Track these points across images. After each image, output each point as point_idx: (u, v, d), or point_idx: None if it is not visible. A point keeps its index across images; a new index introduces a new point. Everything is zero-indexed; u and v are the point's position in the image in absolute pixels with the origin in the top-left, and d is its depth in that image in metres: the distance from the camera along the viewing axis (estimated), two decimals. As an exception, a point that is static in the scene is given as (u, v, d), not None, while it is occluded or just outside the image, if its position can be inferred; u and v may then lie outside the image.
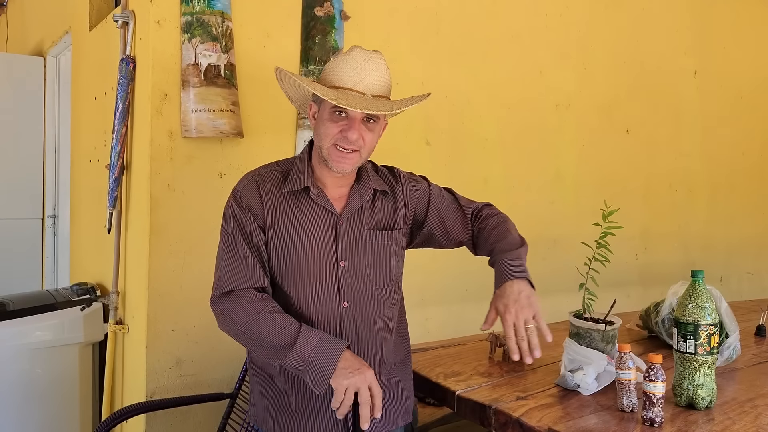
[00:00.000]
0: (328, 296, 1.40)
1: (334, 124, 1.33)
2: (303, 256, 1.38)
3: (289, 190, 1.39)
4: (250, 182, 1.41)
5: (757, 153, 4.28)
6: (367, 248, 1.44)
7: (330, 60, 1.39)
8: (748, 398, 1.65)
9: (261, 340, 1.29)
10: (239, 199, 1.39)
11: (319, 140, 1.38)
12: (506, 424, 1.51)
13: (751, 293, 4.01)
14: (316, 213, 1.40)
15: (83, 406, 2.42)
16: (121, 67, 2.17)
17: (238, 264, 1.34)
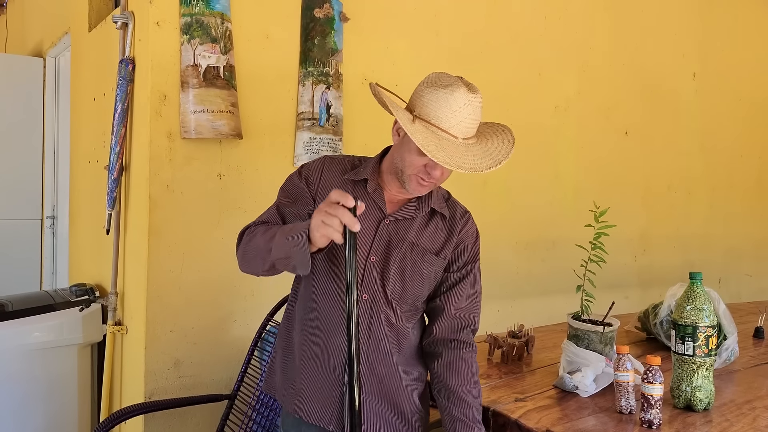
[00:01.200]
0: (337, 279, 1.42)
1: (420, 158, 1.31)
2: None
3: (350, 179, 1.43)
4: (319, 159, 1.48)
5: (755, 155, 4.29)
6: (401, 257, 1.41)
7: (429, 86, 1.31)
8: (746, 400, 1.65)
9: (258, 247, 1.33)
10: (301, 169, 1.48)
11: (401, 163, 1.36)
12: (505, 425, 1.51)
13: (750, 295, 4.02)
14: (367, 204, 1.39)
15: (82, 407, 2.42)
16: (121, 68, 2.18)
17: (270, 212, 1.44)
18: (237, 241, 1.43)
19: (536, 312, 2.66)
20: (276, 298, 2.17)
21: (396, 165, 1.37)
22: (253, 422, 1.97)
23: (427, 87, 1.31)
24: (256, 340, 2.12)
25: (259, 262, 1.35)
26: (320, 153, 2.34)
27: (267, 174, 2.31)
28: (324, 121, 2.34)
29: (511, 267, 3.05)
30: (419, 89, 1.33)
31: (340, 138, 2.40)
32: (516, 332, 2.06)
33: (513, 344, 1.96)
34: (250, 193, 2.27)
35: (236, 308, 2.25)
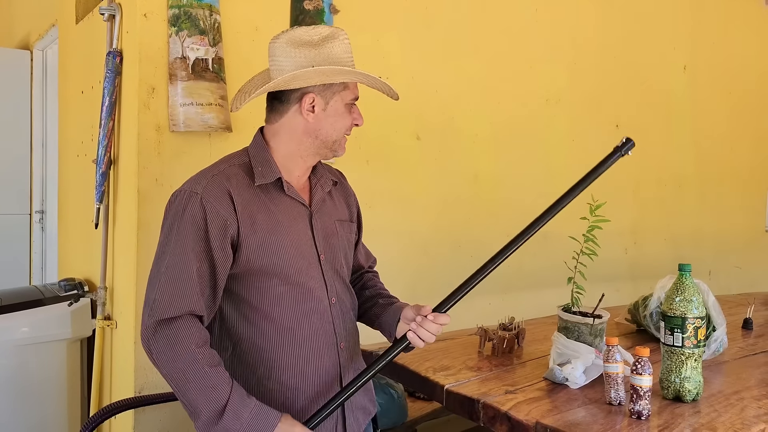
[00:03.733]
0: (319, 292, 1.34)
1: (350, 115, 1.33)
2: (289, 252, 1.29)
3: (261, 184, 1.29)
4: (212, 182, 1.24)
5: (746, 148, 4.31)
6: (337, 240, 1.40)
7: (312, 45, 1.27)
8: (734, 391, 1.66)
9: (185, 394, 1.16)
10: (203, 203, 1.21)
11: (332, 133, 1.32)
12: (495, 417, 1.52)
13: (740, 287, 4.04)
14: (288, 206, 1.32)
15: (71, 403, 2.41)
16: (108, 60, 2.15)
17: (185, 285, 1.17)
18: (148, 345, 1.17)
19: (527, 305, 2.66)
20: (266, 291, 2.16)
21: (323, 140, 1.32)
22: (243, 416, 1.96)
23: (310, 46, 1.27)
24: (247, 334, 2.11)
25: (177, 393, 1.18)
26: (310, 146, 2.32)
27: (257, 167, 2.29)
28: (314, 114, 2.33)
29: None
30: (302, 53, 1.26)
31: (331, 131, 2.39)
32: (507, 325, 2.06)
33: (503, 337, 1.96)
34: (240, 187, 2.26)
35: (226, 302, 2.24)
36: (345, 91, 1.32)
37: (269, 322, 1.29)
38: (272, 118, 1.35)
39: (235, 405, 1.16)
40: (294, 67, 1.25)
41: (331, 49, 1.27)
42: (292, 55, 1.26)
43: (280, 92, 1.30)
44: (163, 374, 1.18)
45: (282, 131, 1.33)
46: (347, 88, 1.32)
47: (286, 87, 1.28)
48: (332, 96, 1.30)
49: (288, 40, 1.27)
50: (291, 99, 1.30)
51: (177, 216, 1.23)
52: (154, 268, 1.23)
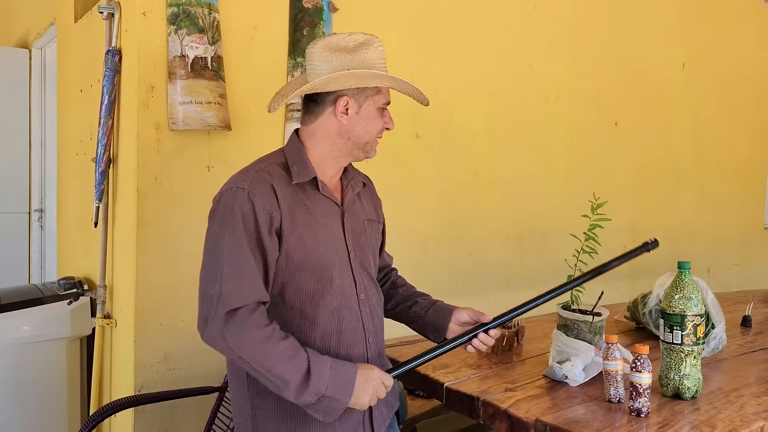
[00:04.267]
0: (349, 289, 1.38)
1: (382, 118, 1.40)
2: (324, 249, 1.34)
3: (299, 182, 1.34)
4: (256, 177, 1.30)
5: (744, 145, 4.32)
6: (366, 239, 1.45)
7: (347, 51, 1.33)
8: (734, 388, 1.66)
9: (270, 370, 1.22)
10: (250, 198, 1.26)
11: (364, 135, 1.38)
12: (494, 415, 1.52)
13: (739, 284, 4.05)
14: (323, 204, 1.37)
15: (71, 401, 2.41)
16: (107, 59, 2.15)
17: (245, 277, 1.23)
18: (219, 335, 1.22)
19: (527, 302, 2.66)
20: (266, 290, 2.17)
21: (355, 142, 1.38)
22: (243, 414, 1.97)
23: (346, 52, 1.34)
24: (247, 332, 2.11)
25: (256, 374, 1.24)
26: (310, 144, 2.32)
27: (256, 166, 2.29)
28: (313, 113, 2.33)
29: (502, 258, 3.06)
30: (338, 58, 1.33)
31: (330, 129, 2.39)
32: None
33: (503, 334, 1.96)
34: (239, 185, 2.26)
35: (226, 301, 2.24)
36: (377, 96, 1.37)
37: (301, 317, 1.33)
38: (307, 119, 1.40)
39: (316, 365, 1.23)
40: (330, 71, 1.31)
41: (365, 54, 1.33)
42: (329, 59, 1.32)
43: (316, 95, 1.35)
44: (244, 359, 1.22)
45: (317, 132, 1.38)
46: (380, 93, 1.38)
47: (321, 89, 1.33)
48: (365, 99, 1.36)
49: (325, 46, 1.34)
50: (326, 101, 1.35)
51: (227, 211, 1.27)
52: (209, 263, 1.27)
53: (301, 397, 1.23)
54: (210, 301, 1.24)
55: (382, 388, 1.32)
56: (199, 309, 1.27)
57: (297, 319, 1.33)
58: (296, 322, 1.33)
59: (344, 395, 1.25)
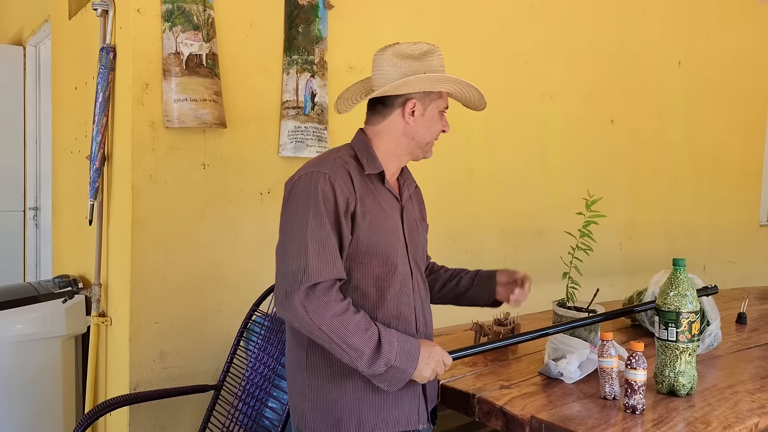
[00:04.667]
0: (406, 278, 1.46)
1: (441, 121, 1.51)
2: (390, 236, 1.43)
3: (370, 173, 1.44)
4: (335, 164, 1.39)
5: (740, 143, 4.32)
6: (418, 235, 1.55)
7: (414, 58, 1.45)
8: (728, 385, 1.67)
9: (345, 341, 1.29)
10: (331, 182, 1.35)
11: (427, 136, 1.49)
12: (490, 412, 1.52)
13: (734, 282, 4.06)
14: (387, 197, 1.47)
15: (66, 400, 2.40)
16: (101, 56, 2.14)
17: (327, 254, 1.31)
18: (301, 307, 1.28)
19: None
20: (261, 288, 2.16)
21: (418, 142, 1.48)
22: (239, 412, 1.96)
23: (413, 59, 1.45)
24: (242, 330, 2.11)
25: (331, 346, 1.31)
26: (305, 142, 2.32)
27: (252, 163, 2.29)
28: (309, 110, 2.33)
29: (497, 255, 3.06)
30: (407, 64, 1.44)
31: (325, 127, 2.39)
32: (502, 320, 2.06)
33: (498, 332, 1.96)
34: (234, 183, 2.26)
35: (222, 299, 2.24)
36: (440, 100, 1.49)
37: (365, 299, 1.41)
38: (374, 120, 1.49)
39: (386, 336, 1.33)
40: (400, 76, 1.42)
41: (430, 62, 1.46)
42: (399, 65, 1.44)
43: (385, 97, 1.46)
44: (323, 330, 1.29)
45: (383, 132, 1.48)
46: (441, 98, 1.50)
47: (395, 92, 1.43)
48: (430, 103, 1.48)
49: (394, 53, 1.45)
50: (395, 104, 1.46)
51: (310, 192, 1.35)
52: (292, 241, 1.34)
53: (372, 367, 1.31)
54: (293, 275, 1.30)
55: (442, 366, 1.41)
56: (277, 285, 1.34)
57: (360, 301, 1.40)
58: (360, 304, 1.40)
59: (410, 366, 1.34)
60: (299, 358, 1.44)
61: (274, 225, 2.35)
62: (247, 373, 2.02)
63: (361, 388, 1.39)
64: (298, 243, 1.32)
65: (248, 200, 2.29)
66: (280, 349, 1.94)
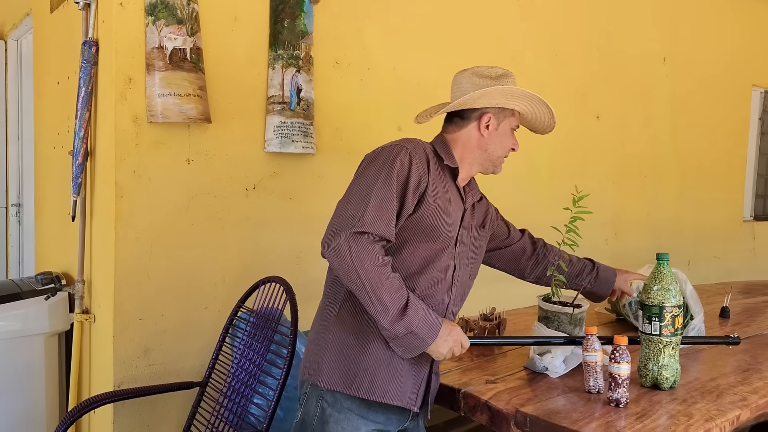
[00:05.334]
0: (448, 269, 1.52)
1: (512, 139, 1.61)
2: (446, 226, 1.50)
3: (447, 165, 1.54)
4: (418, 146, 1.48)
5: (724, 139, 4.36)
6: (472, 241, 1.62)
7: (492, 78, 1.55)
8: (711, 378, 1.68)
9: (376, 292, 1.35)
10: (411, 156, 1.44)
11: (500, 150, 1.60)
12: (475, 407, 1.52)
13: (718, 277, 4.10)
14: (455, 194, 1.55)
15: (49, 397, 2.38)
16: (84, 50, 2.12)
17: (385, 212, 1.39)
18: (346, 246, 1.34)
19: (509, 295, 2.68)
20: (247, 284, 2.15)
21: (490, 154, 1.59)
22: (224, 409, 1.95)
23: (491, 79, 1.55)
24: (227, 326, 2.10)
25: (361, 293, 1.36)
26: (291, 137, 2.30)
27: (237, 158, 2.27)
28: (294, 105, 2.31)
29: (484, 251, 3.06)
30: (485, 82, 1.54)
31: (311, 122, 2.37)
32: (488, 315, 2.07)
33: (484, 327, 1.97)
34: (219, 178, 2.24)
35: (207, 295, 2.23)
36: (512, 118, 1.60)
37: (407, 274, 1.46)
38: (450, 129, 1.60)
39: (414, 302, 1.39)
40: None
41: (506, 83, 1.56)
42: (477, 83, 1.55)
43: (463, 110, 1.57)
44: (360, 274, 1.34)
45: (458, 141, 1.58)
46: (513, 116, 1.59)
47: (473, 105, 1.54)
48: (504, 119, 1.58)
49: (473, 73, 1.57)
50: (471, 116, 1.57)
51: (389, 158, 1.43)
52: (359, 192, 1.41)
53: (394, 326, 1.36)
54: (349, 218, 1.37)
55: (459, 347, 1.46)
56: (331, 225, 1.40)
57: (402, 274, 1.45)
58: (401, 276, 1.43)
59: (429, 337, 1.39)
60: (330, 311, 1.50)
61: (260, 220, 2.36)
62: (233, 369, 2.01)
63: (382, 353, 1.44)
64: (362, 195, 1.40)
65: (234, 196, 2.28)
66: (266, 345, 1.93)
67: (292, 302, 1.90)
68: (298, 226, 2.43)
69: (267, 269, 2.29)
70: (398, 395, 1.46)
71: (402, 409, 1.50)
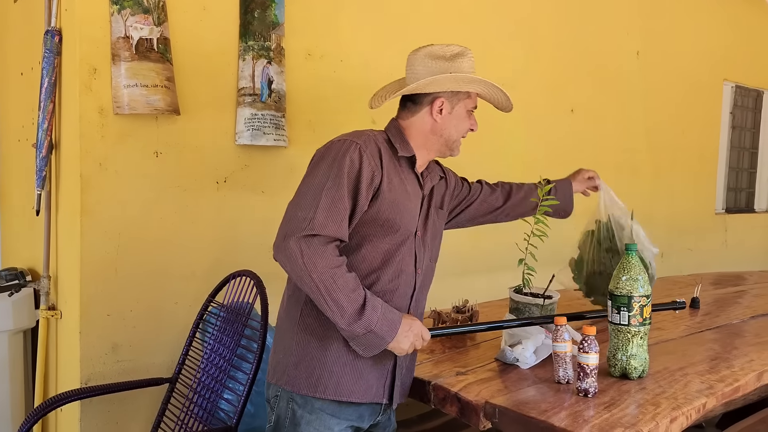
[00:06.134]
0: (409, 259, 1.50)
1: (469, 120, 1.58)
2: (405, 218, 1.48)
3: (402, 155, 1.50)
4: (369, 139, 1.45)
5: (696, 132, 4.42)
6: (432, 224, 1.59)
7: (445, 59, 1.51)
8: (679, 367, 1.70)
9: (331, 294, 1.33)
10: (361, 152, 1.40)
11: (455, 133, 1.55)
12: (445, 399, 1.52)
13: (691, 268, 4.15)
14: (412, 183, 1.53)
15: (14, 396, 2.32)
16: (46, 39, 2.06)
17: (336, 213, 1.36)
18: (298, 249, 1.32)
19: (483, 288, 2.68)
20: (217, 278, 2.12)
21: (446, 139, 1.54)
22: (195, 405, 1.93)
23: (445, 59, 1.51)
24: (198, 321, 2.07)
25: (316, 296, 1.34)
26: (262, 129, 2.27)
27: (207, 151, 2.24)
28: (266, 97, 2.28)
29: (457, 243, 3.06)
30: (437, 64, 1.50)
31: (283, 114, 2.34)
32: (460, 307, 2.07)
33: (456, 319, 1.96)
34: (190, 171, 2.20)
35: (176, 290, 2.19)
36: (468, 100, 1.56)
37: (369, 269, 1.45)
38: (404, 115, 1.56)
39: (371, 301, 1.37)
40: (430, 75, 1.49)
41: (460, 63, 1.52)
42: (430, 65, 1.51)
43: (415, 95, 1.52)
44: (313, 278, 1.32)
45: (412, 128, 1.54)
46: (469, 98, 1.56)
47: (424, 90, 1.49)
48: (458, 102, 1.54)
49: (426, 54, 1.52)
50: (424, 101, 1.52)
51: (338, 155, 1.40)
52: (308, 193, 1.38)
53: (351, 326, 1.34)
54: (299, 221, 1.35)
55: (420, 340, 1.45)
56: (280, 229, 1.37)
57: (364, 270, 1.44)
58: (362, 272, 1.43)
59: (389, 335, 1.38)
60: (293, 314, 1.47)
61: (231, 214, 2.33)
62: (203, 364, 1.98)
63: (345, 354, 1.42)
64: (312, 196, 1.37)
65: (204, 189, 2.24)
66: (236, 339, 1.90)
67: (263, 296, 1.88)
68: (270, 219, 2.38)
69: (238, 263, 2.26)
70: (365, 393, 1.45)
71: (372, 404, 1.49)
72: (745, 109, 4.93)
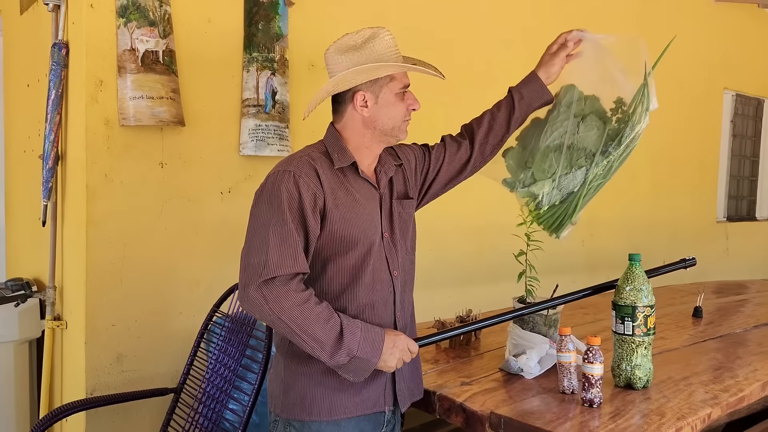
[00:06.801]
0: (381, 266, 1.46)
1: (403, 102, 1.47)
2: (362, 229, 1.43)
3: (340, 167, 1.43)
4: (301, 162, 1.39)
5: (695, 141, 4.43)
6: (398, 218, 1.53)
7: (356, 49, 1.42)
8: (683, 377, 1.70)
9: (306, 331, 1.31)
10: (296, 178, 1.36)
11: (389, 121, 1.45)
12: (450, 409, 1.52)
13: (692, 277, 4.14)
14: (363, 188, 1.46)
15: (19, 405, 2.33)
16: (53, 52, 2.08)
17: (288, 249, 1.33)
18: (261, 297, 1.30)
19: (487, 298, 2.69)
20: (222, 288, 2.13)
21: (383, 129, 1.45)
22: (200, 415, 1.93)
23: (354, 50, 1.42)
24: (203, 331, 2.07)
25: (293, 336, 1.32)
26: (266, 140, 2.29)
27: (212, 162, 2.25)
28: (269, 108, 2.30)
29: (461, 253, 3.07)
30: (347, 58, 1.41)
31: (287, 125, 2.36)
32: (464, 317, 2.07)
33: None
34: (194, 182, 2.22)
35: (181, 300, 2.20)
36: (392, 83, 1.44)
37: (340, 289, 1.42)
38: (336, 118, 1.49)
39: (348, 327, 1.33)
40: (344, 70, 1.41)
41: (372, 48, 1.42)
42: (339, 61, 1.42)
43: (338, 94, 1.44)
44: (283, 320, 1.30)
45: (346, 127, 1.47)
46: (394, 80, 1.44)
47: (336, 91, 1.42)
48: (380, 89, 1.43)
49: (336, 49, 1.44)
50: (345, 99, 1.44)
51: (274, 191, 1.36)
52: (255, 237, 1.35)
53: (334, 357, 1.32)
54: (253, 268, 1.32)
55: (408, 353, 1.41)
56: (240, 279, 1.35)
57: (336, 291, 1.41)
58: (335, 294, 1.41)
59: (373, 356, 1.35)
60: (282, 342, 1.46)
61: (235, 224, 2.34)
62: (207, 374, 1.98)
63: (335, 378, 1.40)
64: (260, 239, 1.34)
65: (208, 200, 2.26)
66: (241, 349, 1.91)
67: (268, 306, 1.88)
68: (274, 229, 2.41)
69: (243, 273, 2.27)
70: (362, 405, 1.43)
71: (374, 414, 1.47)
72: (745, 118, 4.95)
